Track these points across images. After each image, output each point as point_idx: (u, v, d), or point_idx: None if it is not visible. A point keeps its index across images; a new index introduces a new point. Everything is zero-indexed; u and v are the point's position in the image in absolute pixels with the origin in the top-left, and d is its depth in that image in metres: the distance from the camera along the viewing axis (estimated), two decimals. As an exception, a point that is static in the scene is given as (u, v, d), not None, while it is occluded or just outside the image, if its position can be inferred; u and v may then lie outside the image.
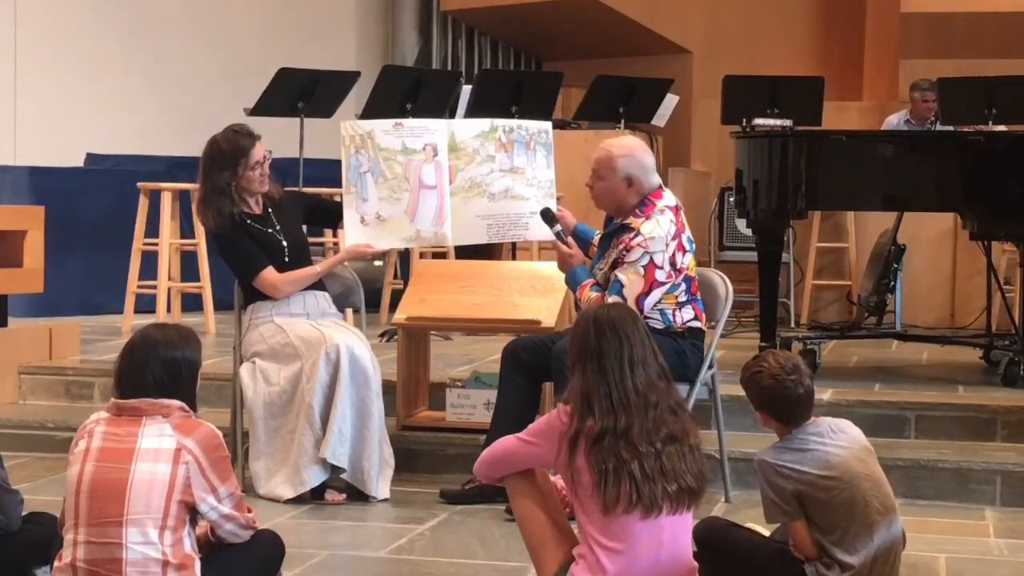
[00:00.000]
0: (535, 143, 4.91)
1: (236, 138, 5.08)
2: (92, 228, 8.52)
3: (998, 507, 5.11)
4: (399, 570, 4.26)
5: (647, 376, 3.41)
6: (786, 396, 3.58)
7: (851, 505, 3.50)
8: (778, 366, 3.61)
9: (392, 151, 4.56)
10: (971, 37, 10.23)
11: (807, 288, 8.80)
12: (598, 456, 3.32)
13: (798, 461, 3.53)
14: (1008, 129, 7.43)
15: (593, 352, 3.42)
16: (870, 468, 3.60)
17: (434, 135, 4.73)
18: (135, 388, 3.29)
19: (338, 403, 4.95)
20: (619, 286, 4.72)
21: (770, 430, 3.70)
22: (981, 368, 6.76)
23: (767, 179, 6.43)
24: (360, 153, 4.58)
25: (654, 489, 3.30)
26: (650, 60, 11.16)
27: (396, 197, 4.65)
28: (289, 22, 11.36)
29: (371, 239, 4.77)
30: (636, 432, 3.33)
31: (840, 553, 3.50)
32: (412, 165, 4.60)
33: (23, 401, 6.29)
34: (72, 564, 3.22)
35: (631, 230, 4.78)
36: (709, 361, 4.90)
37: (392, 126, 4.72)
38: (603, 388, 3.37)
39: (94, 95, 9.97)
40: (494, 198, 4.75)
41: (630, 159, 4.86)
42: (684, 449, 3.38)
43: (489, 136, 4.89)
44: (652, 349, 3.46)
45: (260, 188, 5.12)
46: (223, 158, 5.04)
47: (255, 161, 5.05)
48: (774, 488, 3.53)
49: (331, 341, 4.97)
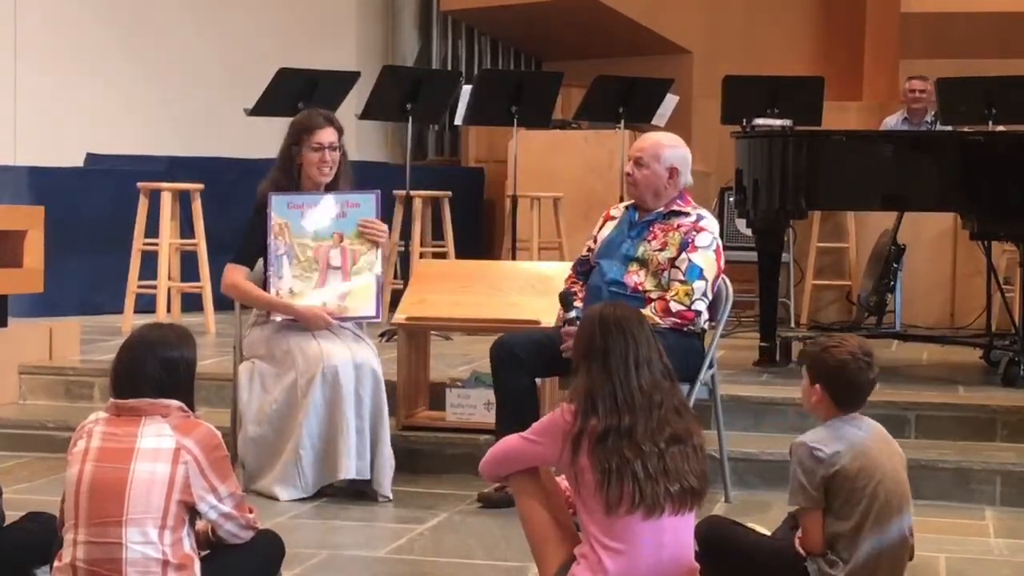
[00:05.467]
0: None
1: (311, 115, 5.28)
2: (92, 228, 8.51)
3: (998, 507, 5.11)
4: (399, 570, 4.26)
5: (652, 376, 3.40)
6: (854, 377, 3.57)
7: (872, 500, 3.51)
8: (857, 347, 3.60)
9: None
10: (971, 37, 10.23)
11: (807, 288, 8.80)
12: (601, 455, 3.32)
13: (834, 446, 3.52)
14: (1008, 129, 7.43)
15: (599, 351, 3.41)
16: (899, 473, 3.61)
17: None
18: (133, 388, 3.29)
19: (348, 421, 4.96)
20: (699, 270, 4.78)
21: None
22: (981, 368, 6.76)
23: (767, 179, 6.44)
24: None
25: (656, 489, 3.30)
26: (650, 60, 11.15)
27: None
28: (289, 22, 11.35)
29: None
30: (640, 432, 3.33)
31: (846, 550, 3.50)
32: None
33: (23, 401, 6.29)
34: (72, 564, 3.21)
35: (684, 214, 4.89)
36: (709, 361, 4.90)
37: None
38: (607, 387, 3.37)
39: (94, 95, 9.96)
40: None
41: (676, 151, 4.95)
42: (688, 449, 3.38)
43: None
44: (657, 349, 3.46)
45: (319, 176, 5.20)
46: (294, 129, 5.23)
47: (317, 142, 5.16)
48: (805, 471, 3.52)
49: (328, 361, 4.98)
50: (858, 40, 11.30)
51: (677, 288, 4.76)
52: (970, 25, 10.24)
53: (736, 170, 6.63)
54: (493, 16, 12.16)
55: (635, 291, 4.81)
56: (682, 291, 4.75)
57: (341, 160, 5.26)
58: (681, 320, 4.71)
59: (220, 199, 8.05)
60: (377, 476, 5.04)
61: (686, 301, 4.74)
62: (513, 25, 12.33)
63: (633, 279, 4.85)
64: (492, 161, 11.28)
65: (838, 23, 11.50)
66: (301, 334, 5.09)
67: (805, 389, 3.67)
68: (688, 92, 10.52)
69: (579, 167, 9.42)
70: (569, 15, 11.49)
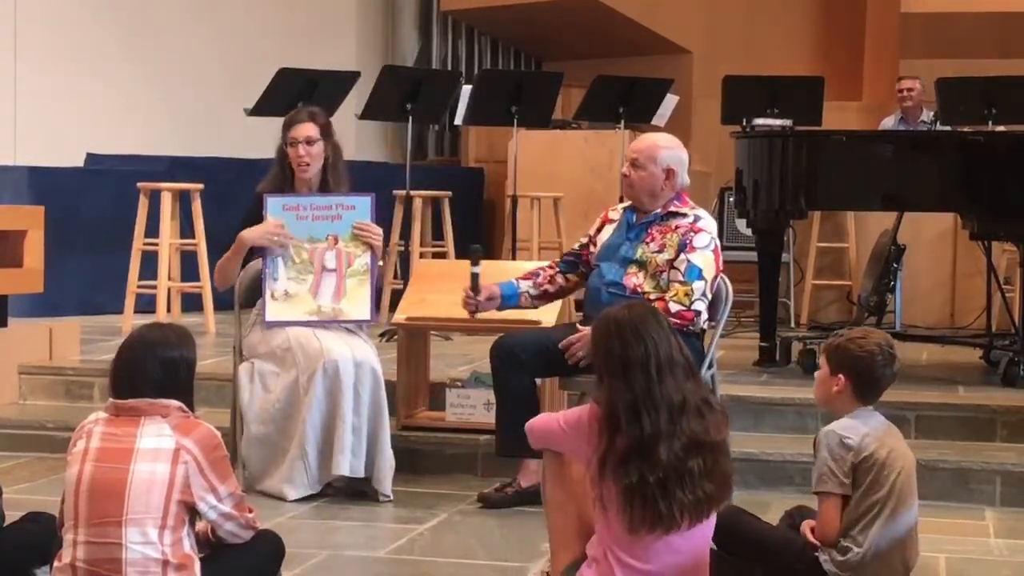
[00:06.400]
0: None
1: (295, 111, 5.36)
2: (92, 228, 8.51)
3: (998, 507, 5.12)
4: (399, 570, 4.26)
5: (675, 380, 3.33)
6: (879, 369, 3.62)
7: (891, 490, 3.54)
8: (884, 341, 3.64)
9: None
10: (971, 37, 10.23)
11: (807, 288, 8.80)
12: (624, 476, 3.27)
13: (862, 432, 3.56)
14: (1008, 129, 7.42)
15: (617, 362, 3.35)
16: (912, 467, 3.65)
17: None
18: (133, 388, 3.29)
19: (346, 418, 4.97)
20: (698, 270, 4.78)
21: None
22: (981, 368, 6.76)
23: (767, 179, 6.44)
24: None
25: (674, 507, 3.26)
26: (650, 60, 11.15)
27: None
28: (289, 22, 11.35)
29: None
30: (663, 448, 3.27)
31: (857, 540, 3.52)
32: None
33: (23, 401, 6.29)
34: (72, 564, 3.21)
35: (682, 215, 4.89)
36: (709, 361, 4.90)
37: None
38: (628, 400, 3.30)
39: (94, 95, 9.96)
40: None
41: (672, 152, 4.95)
42: (708, 456, 3.31)
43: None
44: (678, 345, 3.40)
45: (299, 172, 5.24)
46: (282, 128, 5.29)
47: (292, 136, 5.22)
48: (835, 458, 3.55)
49: (329, 356, 4.99)
50: (858, 40, 11.29)
51: (676, 289, 4.77)
52: (970, 25, 10.24)
53: (736, 170, 6.63)
54: (493, 16, 12.16)
55: (634, 292, 4.81)
56: (681, 291, 4.76)
57: (328, 156, 5.24)
58: (681, 320, 4.71)
59: (220, 199, 8.04)
60: (377, 475, 5.05)
61: (685, 301, 4.74)
62: (513, 25, 12.33)
63: (632, 281, 4.86)
64: (492, 161, 11.28)
65: (838, 23, 11.49)
66: (301, 331, 5.10)
67: (823, 379, 3.67)
68: (688, 92, 10.52)
69: (579, 167, 9.41)
70: (569, 15, 11.49)
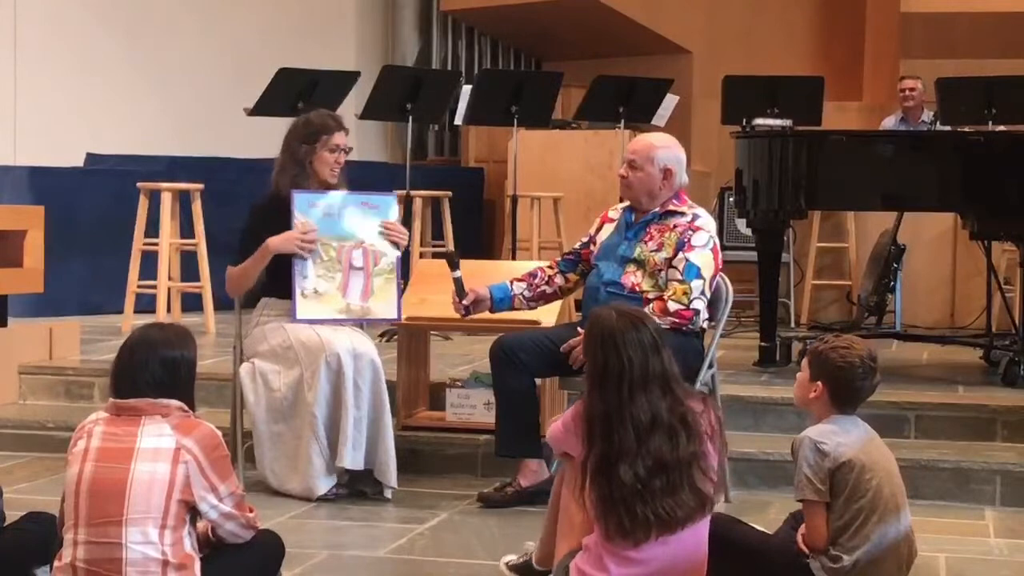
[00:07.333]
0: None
1: (325, 117, 5.34)
2: (92, 228, 8.52)
3: (998, 507, 5.12)
4: (399, 570, 4.26)
5: (646, 398, 3.36)
6: (857, 381, 3.61)
7: (876, 495, 3.53)
8: (865, 352, 3.64)
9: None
10: (971, 37, 10.24)
11: (807, 288, 8.80)
12: (596, 485, 3.33)
13: (838, 439, 3.56)
14: (1008, 129, 7.43)
15: (598, 370, 3.41)
16: (895, 472, 3.65)
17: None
18: (133, 388, 3.29)
19: (347, 410, 4.97)
20: (696, 269, 4.78)
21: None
22: (981, 368, 6.76)
23: (767, 179, 6.44)
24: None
25: (636, 521, 3.30)
26: (650, 60, 11.16)
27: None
28: (289, 22, 11.36)
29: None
30: (623, 467, 3.31)
31: (848, 547, 3.51)
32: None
33: (23, 401, 6.29)
34: (72, 564, 3.21)
35: (680, 214, 4.89)
36: (709, 361, 4.90)
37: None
38: (602, 413, 3.37)
39: (94, 95, 9.96)
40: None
41: (669, 152, 4.94)
42: (675, 477, 3.34)
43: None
44: (660, 355, 3.41)
45: (330, 177, 5.26)
46: (307, 131, 5.26)
47: (334, 144, 5.24)
48: (811, 464, 3.55)
49: (331, 349, 4.99)
50: (858, 40, 11.30)
51: (675, 288, 4.77)
52: (970, 25, 10.25)
53: (736, 170, 6.63)
54: (493, 16, 12.17)
55: (632, 292, 4.82)
56: (680, 290, 4.76)
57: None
58: (680, 319, 4.71)
59: (220, 199, 8.05)
60: (381, 467, 5.05)
61: (684, 300, 4.74)
62: (513, 25, 12.33)
63: (630, 280, 4.86)
64: (492, 161, 11.29)
65: (838, 23, 11.50)
66: (299, 328, 5.10)
67: (803, 383, 3.68)
68: (688, 92, 10.53)
69: (579, 167, 9.42)
70: (569, 15, 11.49)
